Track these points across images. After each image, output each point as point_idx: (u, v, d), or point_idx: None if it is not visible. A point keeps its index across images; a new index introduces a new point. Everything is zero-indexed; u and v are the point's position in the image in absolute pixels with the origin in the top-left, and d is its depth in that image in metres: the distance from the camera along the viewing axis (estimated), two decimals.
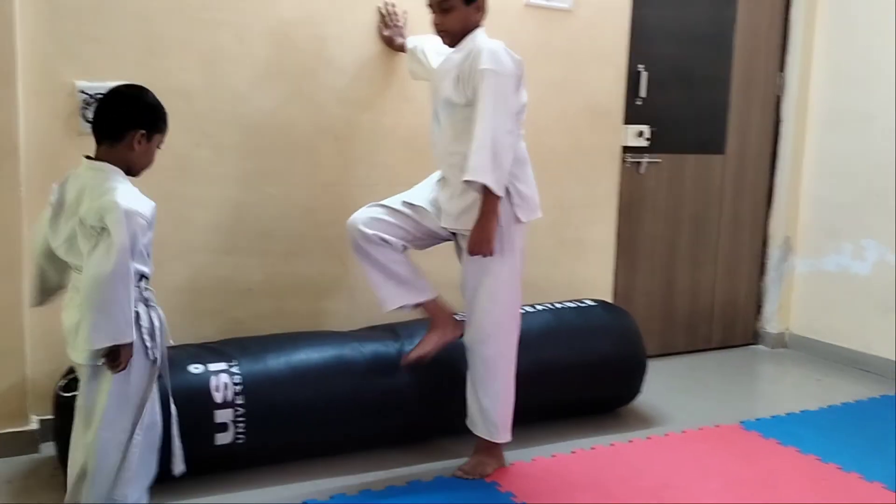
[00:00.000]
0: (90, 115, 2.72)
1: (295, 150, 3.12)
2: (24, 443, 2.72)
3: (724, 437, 3.07)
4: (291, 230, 3.13)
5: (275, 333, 2.86)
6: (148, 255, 2.04)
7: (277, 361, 2.63)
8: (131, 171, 2.07)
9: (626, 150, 3.88)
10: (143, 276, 2.03)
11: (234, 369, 2.53)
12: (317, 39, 3.09)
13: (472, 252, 2.53)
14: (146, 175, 2.13)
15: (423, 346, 2.69)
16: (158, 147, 2.12)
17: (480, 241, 2.49)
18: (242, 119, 3.02)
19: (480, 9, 2.59)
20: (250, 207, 3.06)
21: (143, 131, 2.04)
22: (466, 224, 2.55)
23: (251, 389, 2.52)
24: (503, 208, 2.52)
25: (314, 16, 3.08)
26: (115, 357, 1.96)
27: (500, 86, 2.45)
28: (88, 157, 2.05)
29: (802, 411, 3.37)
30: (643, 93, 3.88)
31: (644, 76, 3.87)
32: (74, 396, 2.35)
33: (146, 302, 2.05)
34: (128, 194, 1.98)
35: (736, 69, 4.16)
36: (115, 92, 2.10)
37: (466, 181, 2.44)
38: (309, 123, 3.13)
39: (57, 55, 2.71)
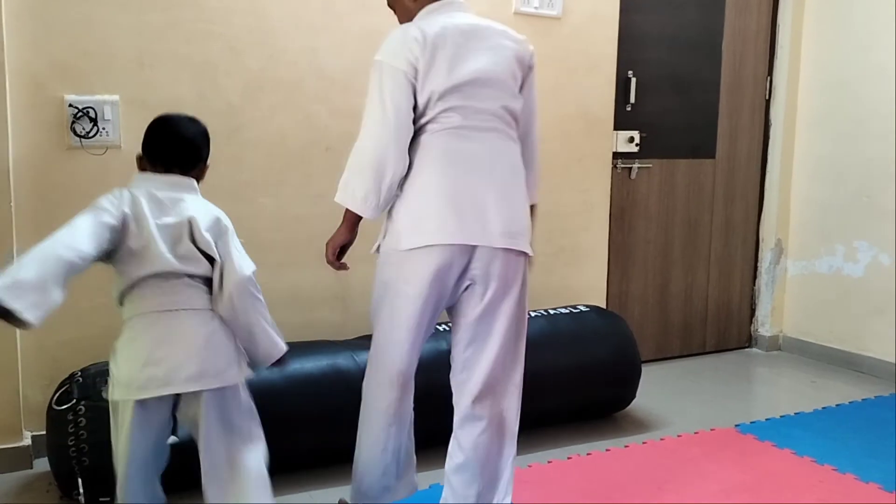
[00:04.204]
0: (80, 128, 2.75)
1: (287, 162, 3.13)
2: (17, 459, 2.71)
3: (720, 441, 3.07)
4: (284, 241, 3.13)
5: None
6: None
7: (270, 370, 2.61)
8: None
9: (617, 155, 3.90)
10: None
11: None
12: (308, 50, 3.10)
13: None
14: None
15: None
16: None
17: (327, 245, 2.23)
18: (234, 131, 3.02)
19: None
20: (242, 219, 3.01)
21: (207, 164, 2.07)
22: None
23: None
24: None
25: (305, 26, 3.09)
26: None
27: (372, 78, 2.07)
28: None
29: (797, 413, 3.38)
30: (633, 99, 3.90)
31: (633, 82, 3.89)
32: (67, 409, 2.34)
33: None
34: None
35: (724, 74, 4.18)
36: (191, 122, 2.03)
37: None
38: (301, 134, 3.13)
39: (46, 69, 2.71)
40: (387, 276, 2.13)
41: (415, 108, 2.04)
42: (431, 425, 2.39)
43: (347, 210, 2.11)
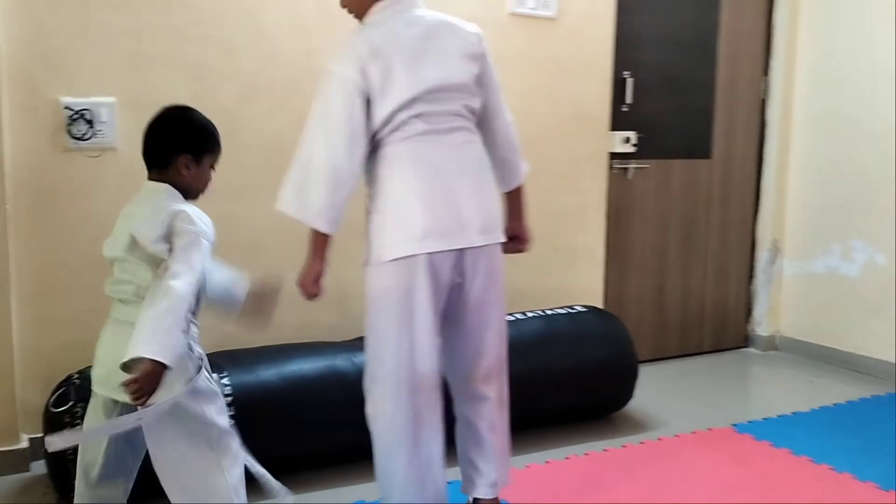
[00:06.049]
0: (76, 130, 2.75)
1: (283, 163, 3.08)
2: (14, 461, 2.71)
3: (718, 441, 3.08)
4: (281, 243, 3.12)
5: (266, 345, 2.85)
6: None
7: (269, 372, 2.62)
8: (187, 195, 1.95)
9: (614, 156, 3.90)
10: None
11: (225, 380, 2.52)
12: (303, 52, 3.10)
13: None
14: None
15: None
16: (213, 167, 2.01)
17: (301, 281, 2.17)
18: (230, 133, 2.97)
19: None
20: (240, 221, 3.05)
21: (190, 156, 1.92)
22: None
23: (242, 400, 2.51)
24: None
25: (300, 28, 3.09)
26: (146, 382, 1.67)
27: (322, 87, 2.03)
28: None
29: (794, 413, 3.38)
30: (629, 99, 3.90)
31: (629, 83, 3.89)
32: (64, 411, 2.34)
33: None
34: (193, 212, 1.88)
35: (720, 74, 4.19)
36: (161, 115, 1.96)
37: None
38: (297, 136, 3.09)
39: (41, 71, 2.71)
40: (382, 289, 2.11)
41: (373, 119, 2.03)
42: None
43: (314, 236, 2.09)
